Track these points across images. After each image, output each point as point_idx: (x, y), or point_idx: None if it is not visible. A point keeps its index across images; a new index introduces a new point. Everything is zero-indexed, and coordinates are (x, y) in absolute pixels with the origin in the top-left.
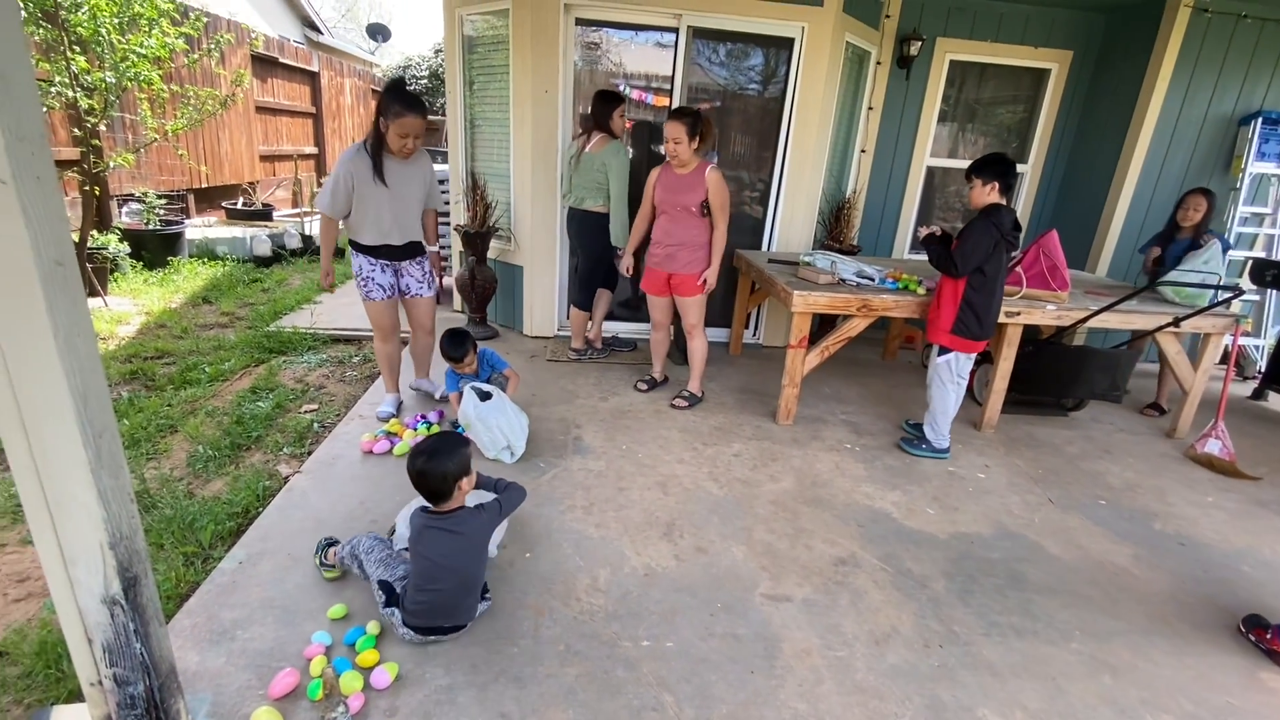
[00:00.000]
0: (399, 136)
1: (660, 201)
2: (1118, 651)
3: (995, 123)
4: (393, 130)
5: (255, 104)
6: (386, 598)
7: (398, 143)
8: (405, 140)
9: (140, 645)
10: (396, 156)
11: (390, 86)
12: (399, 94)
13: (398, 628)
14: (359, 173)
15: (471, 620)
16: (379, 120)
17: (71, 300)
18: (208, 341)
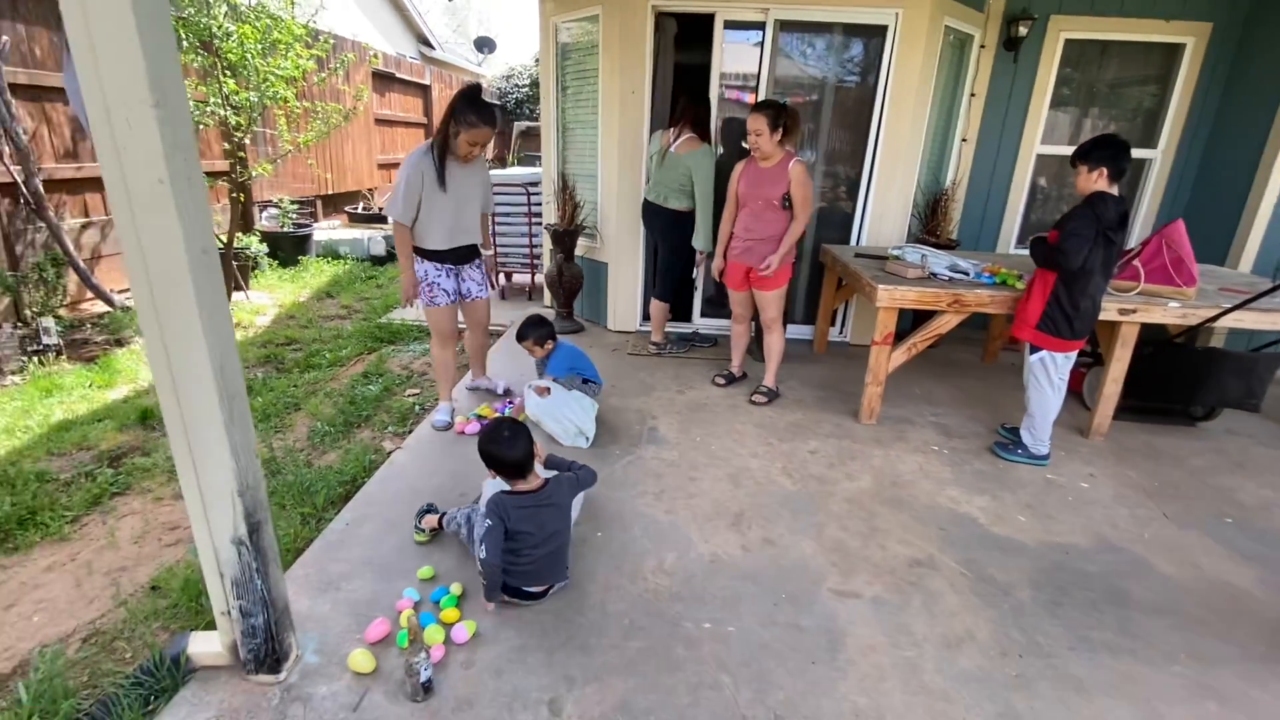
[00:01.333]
0: (468, 144)
1: (743, 195)
2: (1227, 679)
3: (1119, 106)
4: (464, 137)
5: (374, 116)
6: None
7: (465, 149)
8: (474, 148)
9: (260, 582)
10: (460, 161)
11: (466, 94)
12: (474, 103)
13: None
14: (426, 176)
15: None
16: (449, 125)
17: (214, 284)
18: (329, 331)
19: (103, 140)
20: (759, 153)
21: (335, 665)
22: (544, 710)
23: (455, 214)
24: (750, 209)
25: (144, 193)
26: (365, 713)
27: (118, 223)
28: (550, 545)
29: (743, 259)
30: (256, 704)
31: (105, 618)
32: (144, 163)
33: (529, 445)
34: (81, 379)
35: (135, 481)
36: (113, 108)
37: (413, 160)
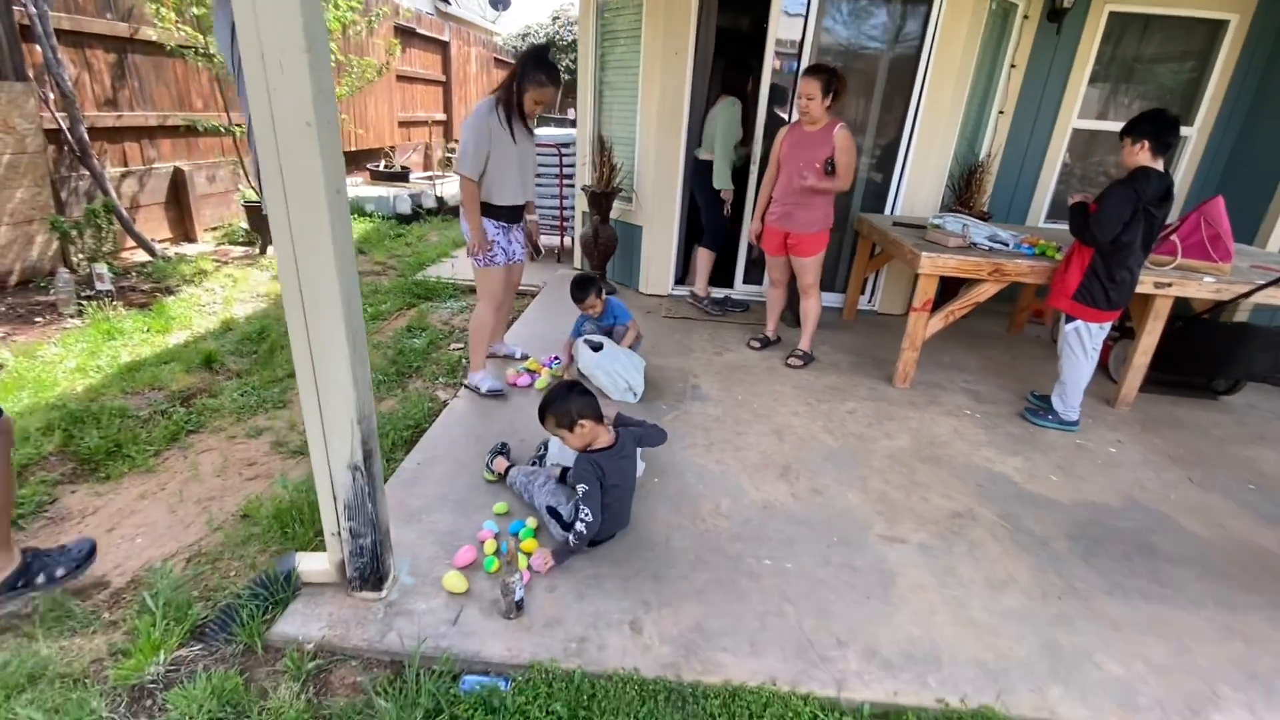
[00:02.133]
0: (534, 102)
1: (785, 158)
2: (1254, 623)
3: (1157, 82)
4: (531, 95)
5: (396, 73)
6: (559, 523)
7: (531, 107)
8: (538, 107)
9: (371, 505)
10: (520, 120)
11: (538, 54)
12: (543, 63)
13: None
14: (495, 131)
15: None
16: (517, 83)
17: (344, 221)
18: (366, 286)
19: (256, 83)
20: (808, 117)
21: (429, 586)
22: (626, 629)
23: (521, 169)
24: (791, 169)
25: (292, 134)
26: (463, 626)
27: (264, 163)
28: (625, 498)
29: (781, 224)
30: (363, 616)
31: (204, 540)
32: (293, 106)
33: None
34: (139, 324)
35: (207, 421)
36: (268, 52)
37: (481, 115)
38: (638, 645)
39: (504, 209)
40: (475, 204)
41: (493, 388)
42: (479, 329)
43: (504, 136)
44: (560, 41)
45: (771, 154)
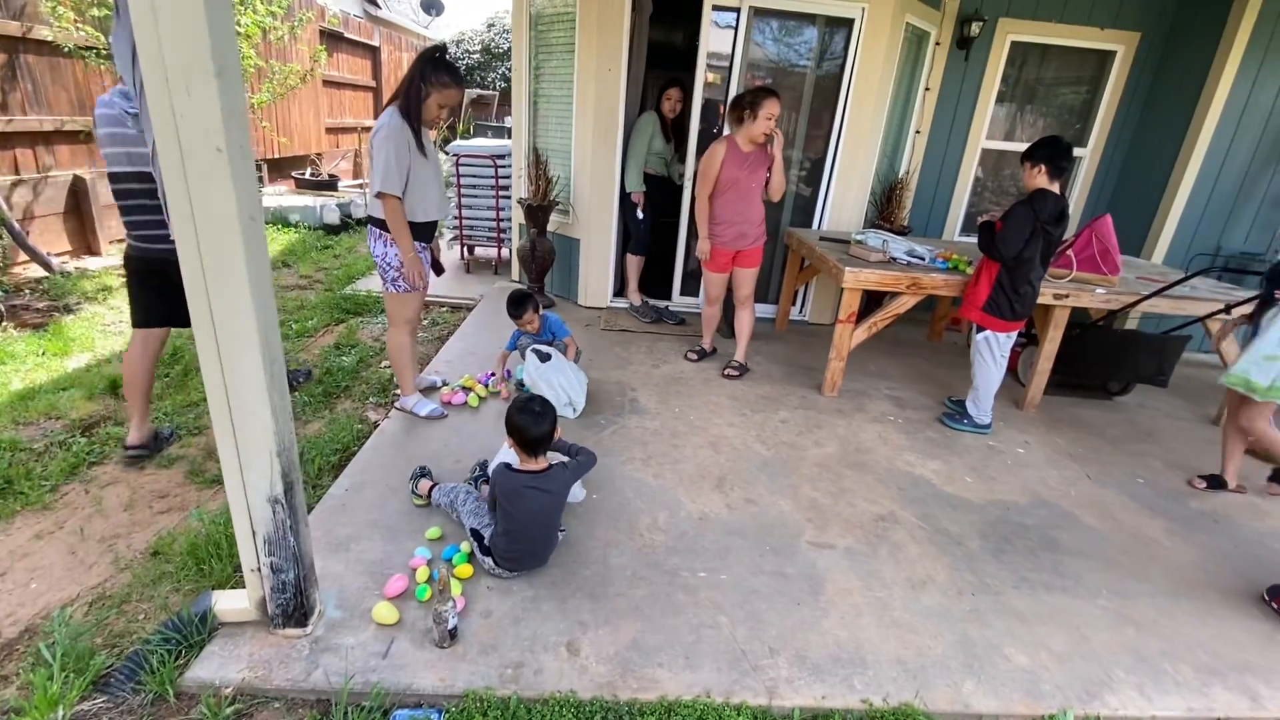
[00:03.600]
0: (439, 106)
1: (733, 179)
2: (1143, 610)
3: (1056, 105)
4: (435, 99)
5: (322, 78)
6: (479, 545)
7: (435, 112)
8: (443, 111)
9: (293, 539)
10: (427, 126)
11: (435, 54)
12: (446, 64)
13: (492, 570)
14: (411, 143)
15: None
16: (417, 87)
17: (260, 249)
18: (291, 301)
19: (160, 108)
20: (765, 137)
21: (358, 618)
22: (563, 650)
23: (437, 182)
24: (740, 191)
25: (201, 161)
26: (395, 658)
27: (170, 190)
28: (539, 533)
29: (734, 244)
30: (286, 655)
31: (109, 582)
32: (202, 131)
33: (553, 427)
34: (33, 347)
35: (112, 451)
36: (173, 76)
37: (393, 127)
38: (574, 667)
39: (424, 227)
40: (404, 223)
41: (433, 411)
42: (400, 353)
43: (416, 149)
44: (496, 50)
45: (707, 172)
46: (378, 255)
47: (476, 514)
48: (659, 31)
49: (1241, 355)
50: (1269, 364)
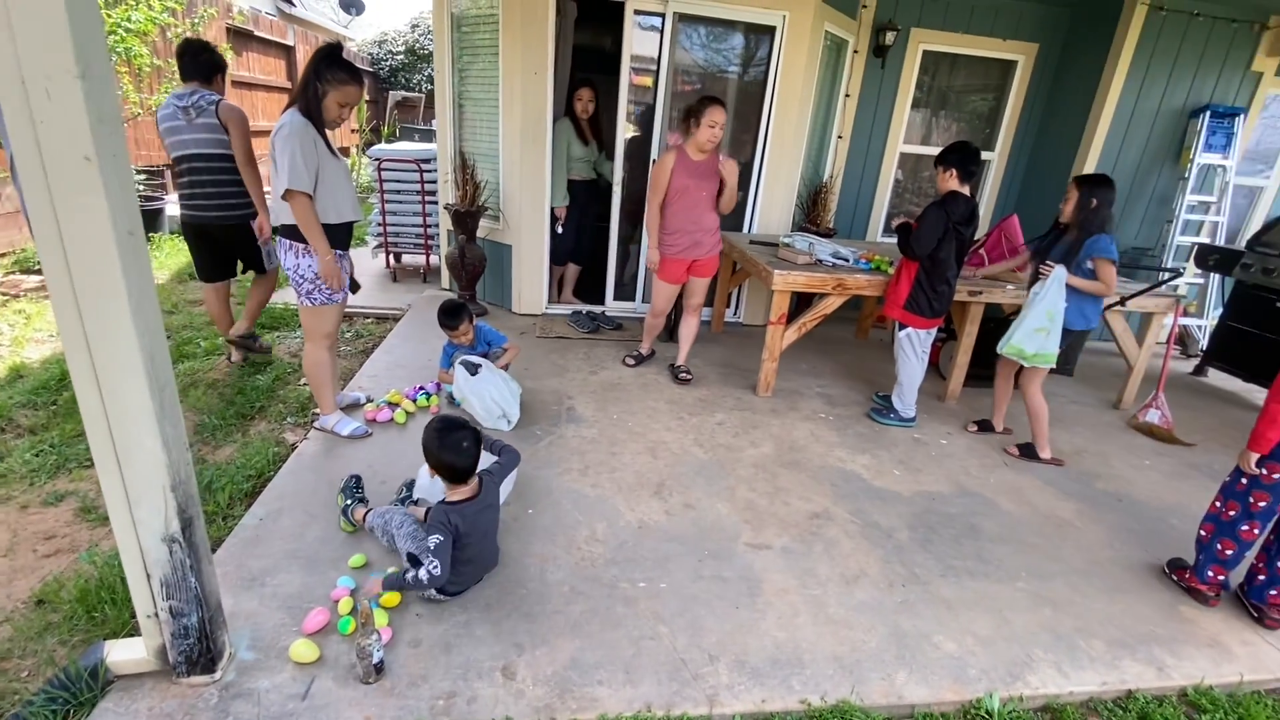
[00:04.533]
0: (338, 105)
1: (683, 188)
2: (1058, 589)
3: (966, 111)
4: (333, 98)
5: (231, 79)
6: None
7: (335, 112)
8: (343, 110)
9: (195, 579)
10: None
11: (329, 51)
12: (341, 61)
13: (435, 597)
14: (317, 142)
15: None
16: (314, 86)
17: (141, 266)
18: (199, 317)
19: (16, 114)
20: (712, 144)
21: (274, 659)
22: (498, 676)
23: (348, 182)
24: (691, 200)
25: (67, 171)
26: (316, 700)
27: (31, 204)
28: (488, 545)
29: (689, 254)
30: (192, 706)
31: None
32: (67, 139)
33: (478, 451)
34: None
35: None
36: (30, 78)
37: (296, 125)
38: (510, 692)
39: (341, 229)
40: (317, 223)
41: (355, 430)
42: (318, 370)
43: (324, 148)
44: (421, 51)
45: (658, 181)
46: (289, 267)
47: (415, 538)
48: (585, 35)
49: (1016, 329)
50: (1038, 335)
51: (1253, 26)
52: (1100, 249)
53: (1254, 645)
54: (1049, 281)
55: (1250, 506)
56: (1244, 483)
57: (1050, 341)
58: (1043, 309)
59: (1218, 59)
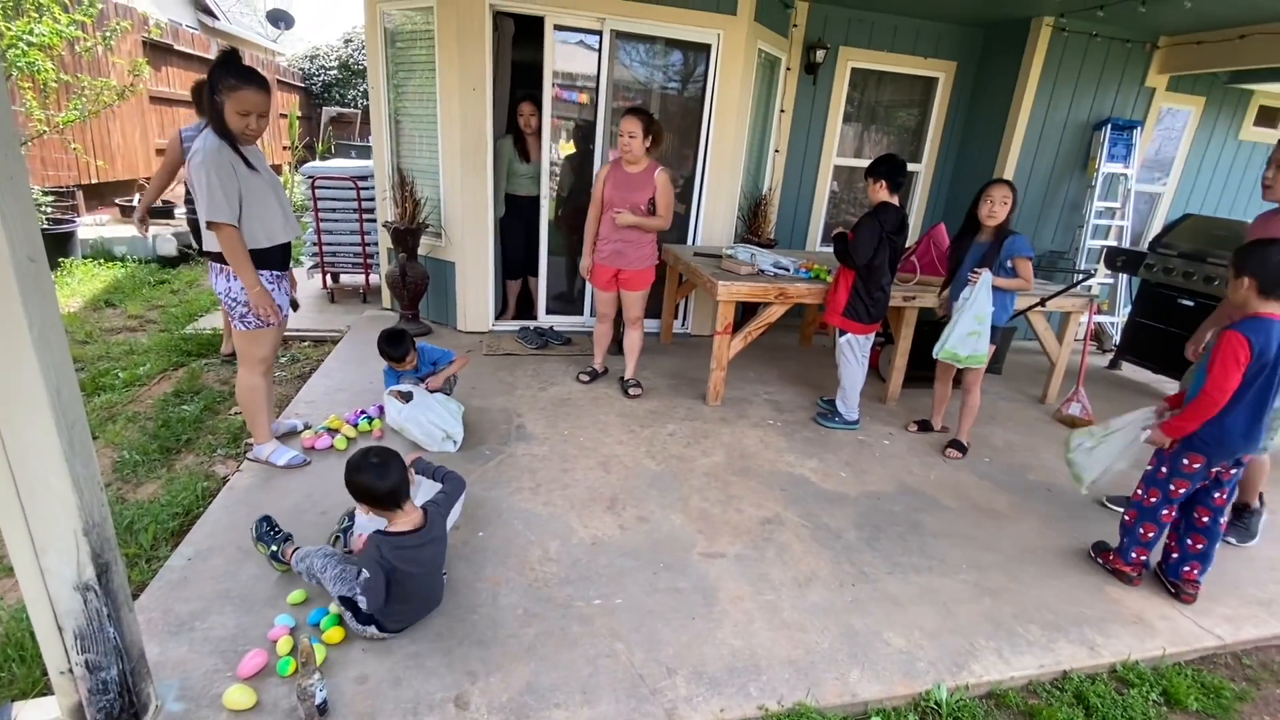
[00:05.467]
0: (239, 115)
1: (610, 198)
2: (996, 579)
3: (895, 125)
4: (230, 108)
5: (149, 94)
6: (355, 615)
7: (238, 123)
8: (247, 119)
9: (113, 629)
10: (242, 141)
11: (220, 59)
12: (232, 66)
13: (376, 637)
14: (234, 163)
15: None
16: (212, 100)
17: (44, 296)
18: (117, 346)
19: None
20: (629, 155)
21: (206, 708)
22: (450, 708)
23: (278, 197)
24: (617, 212)
25: None
26: None
27: None
28: (432, 581)
29: (611, 261)
30: None
31: None
32: None
33: (402, 472)
34: None
35: None
36: None
37: (209, 149)
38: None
39: (276, 251)
40: (246, 254)
41: (292, 459)
42: (252, 396)
43: (244, 167)
44: (356, 66)
45: (594, 192)
46: (220, 291)
47: (343, 579)
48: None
49: (949, 334)
50: (970, 339)
51: (1145, 46)
52: (1019, 248)
53: (1173, 620)
54: (978, 287)
55: (1170, 494)
56: (1164, 471)
57: (981, 343)
58: (972, 314)
59: (1116, 76)
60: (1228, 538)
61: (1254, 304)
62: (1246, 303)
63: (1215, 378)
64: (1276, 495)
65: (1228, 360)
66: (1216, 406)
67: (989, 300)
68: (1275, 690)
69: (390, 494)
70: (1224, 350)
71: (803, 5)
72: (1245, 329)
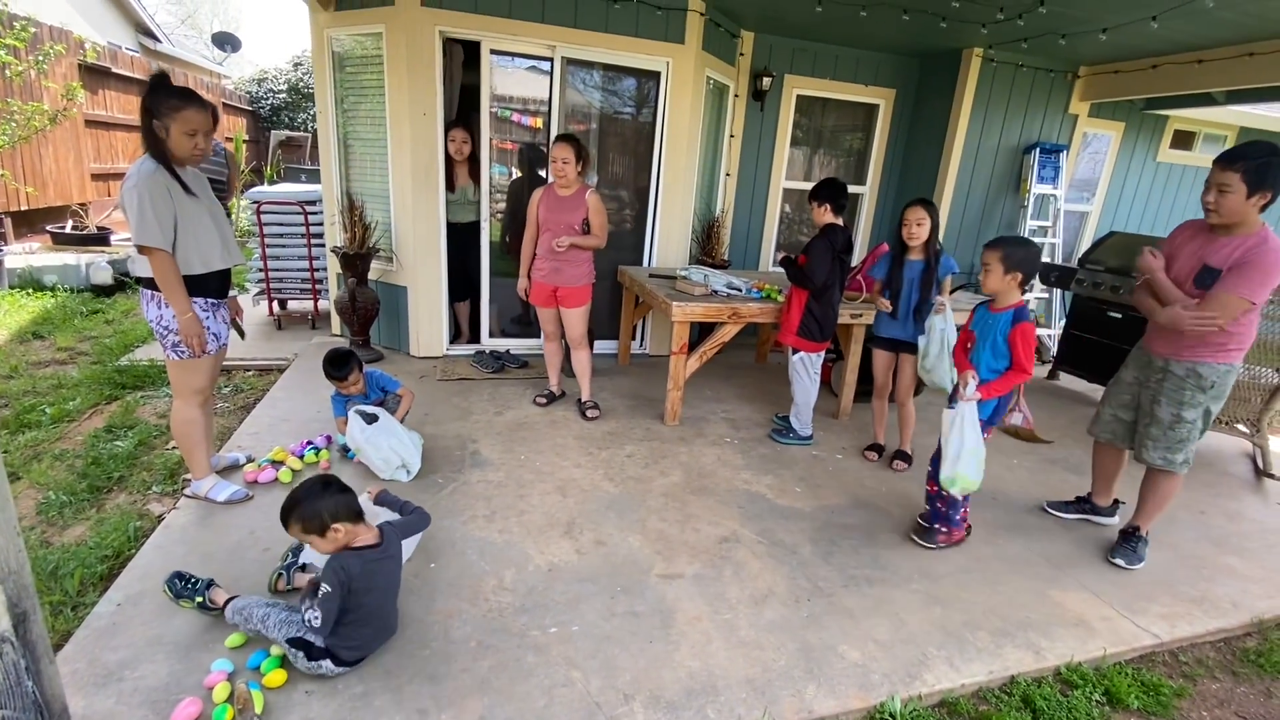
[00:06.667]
0: (185, 135)
1: (544, 220)
2: (946, 587)
3: (840, 149)
4: (175, 129)
5: (85, 117)
6: (307, 653)
7: (186, 144)
8: (195, 139)
9: (32, 683)
10: (186, 164)
11: (155, 82)
12: (171, 87)
13: (330, 673)
14: (170, 187)
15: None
16: (151, 125)
17: None
18: (45, 380)
19: None
20: (563, 179)
21: None
22: None
23: (218, 224)
24: (552, 233)
25: None
26: None
27: None
28: (389, 604)
29: (550, 279)
30: None
31: None
32: None
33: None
34: None
35: None
36: None
37: (144, 173)
38: None
39: (212, 278)
40: (176, 280)
41: (233, 494)
42: (188, 430)
43: (180, 192)
44: (305, 89)
45: (529, 215)
46: (152, 319)
47: (289, 623)
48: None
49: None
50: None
51: (1067, 76)
52: (951, 266)
53: (1112, 620)
54: (947, 315)
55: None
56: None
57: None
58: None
59: (1042, 103)
60: (1115, 559)
61: (1013, 295)
62: (1009, 291)
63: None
64: (1201, 495)
65: (1031, 344)
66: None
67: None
68: (1211, 685)
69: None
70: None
71: (748, 35)
72: (1027, 317)
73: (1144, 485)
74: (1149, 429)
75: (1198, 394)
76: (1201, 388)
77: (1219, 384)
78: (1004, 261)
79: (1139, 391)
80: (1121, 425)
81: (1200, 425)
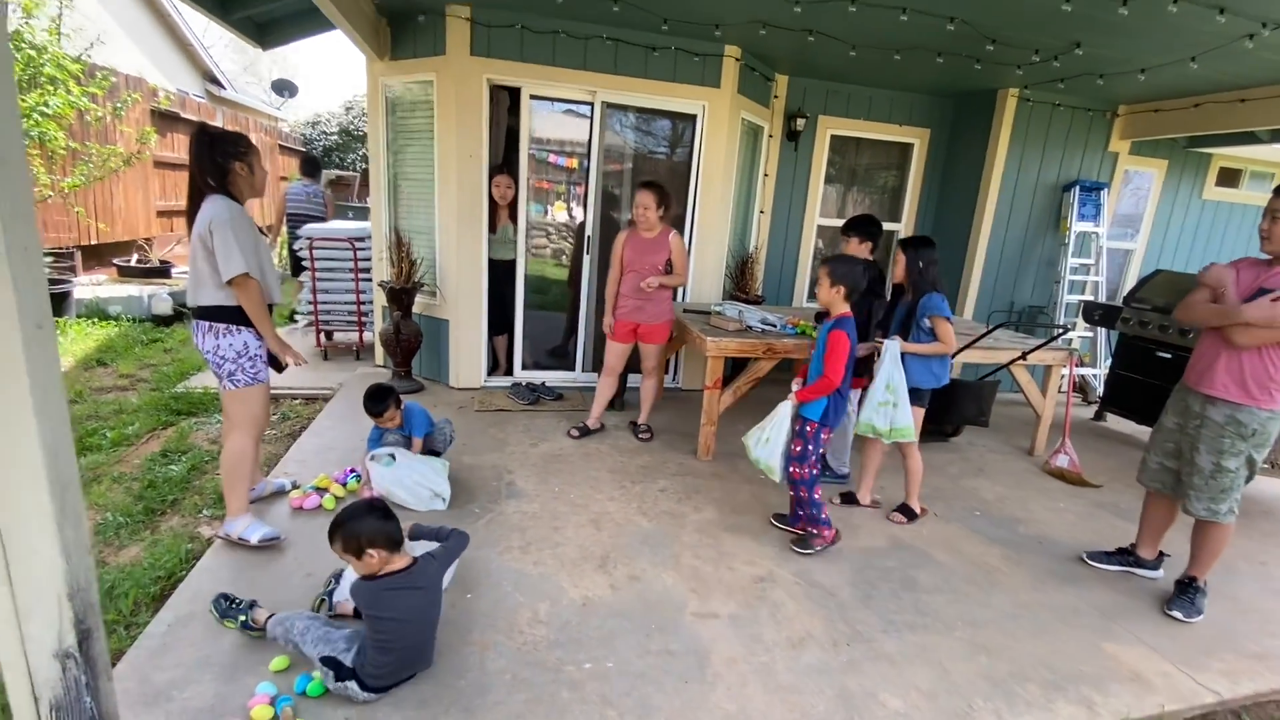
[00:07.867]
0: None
1: (629, 262)
2: (992, 635)
3: (874, 186)
4: (258, 165)
5: (154, 158)
6: (336, 673)
7: (263, 178)
8: (265, 174)
9: (90, 699)
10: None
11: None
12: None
13: (357, 696)
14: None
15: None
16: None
17: (48, 360)
18: (107, 405)
19: None
20: (645, 224)
21: None
22: None
23: (271, 262)
24: (637, 273)
25: None
26: None
27: None
28: (416, 635)
29: (633, 316)
30: None
31: None
32: None
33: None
34: None
35: None
36: None
37: (234, 209)
38: None
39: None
40: (263, 306)
41: (266, 535)
42: (238, 463)
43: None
44: (355, 132)
45: (613, 257)
46: (208, 350)
47: (325, 640)
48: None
49: (864, 405)
50: (883, 409)
51: (1106, 114)
52: (934, 307)
53: (1170, 676)
54: (884, 355)
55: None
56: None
57: (900, 414)
58: (881, 382)
59: (1080, 141)
60: (1173, 611)
61: (840, 306)
62: (834, 304)
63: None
64: (1262, 544)
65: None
66: (834, 386)
67: (897, 367)
68: None
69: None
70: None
71: (782, 78)
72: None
73: (1194, 536)
74: (1191, 478)
75: (1238, 441)
76: (1242, 435)
77: (1260, 431)
78: (829, 276)
79: (1179, 438)
80: (1169, 474)
81: (1245, 473)
